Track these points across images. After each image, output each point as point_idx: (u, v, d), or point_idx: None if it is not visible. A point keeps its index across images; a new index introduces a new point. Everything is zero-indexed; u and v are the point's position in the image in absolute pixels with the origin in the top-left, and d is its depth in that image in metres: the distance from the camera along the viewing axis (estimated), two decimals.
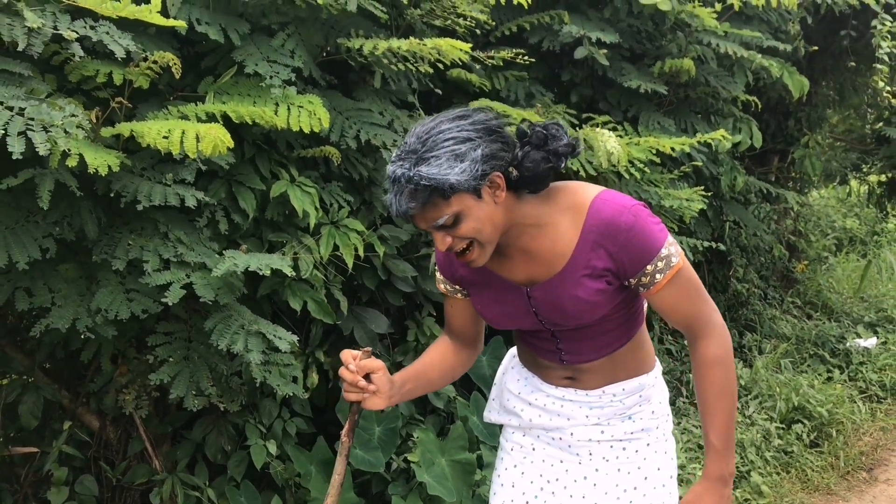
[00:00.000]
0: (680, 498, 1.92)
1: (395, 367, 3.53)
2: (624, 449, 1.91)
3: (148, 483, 3.09)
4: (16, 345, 2.98)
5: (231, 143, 2.15)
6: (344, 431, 1.77)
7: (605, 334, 1.84)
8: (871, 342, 6.14)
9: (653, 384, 1.94)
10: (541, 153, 1.66)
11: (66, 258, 2.48)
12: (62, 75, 2.35)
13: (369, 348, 1.78)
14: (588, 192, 1.73)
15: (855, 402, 5.22)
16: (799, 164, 7.26)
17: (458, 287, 1.92)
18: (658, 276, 1.69)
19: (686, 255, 4.33)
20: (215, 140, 2.07)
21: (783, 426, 4.66)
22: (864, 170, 12.57)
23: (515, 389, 2.02)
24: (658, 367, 1.99)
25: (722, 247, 4.66)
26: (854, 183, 12.70)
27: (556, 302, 1.76)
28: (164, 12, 2.30)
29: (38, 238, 2.27)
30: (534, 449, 1.99)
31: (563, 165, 1.69)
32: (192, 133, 2.08)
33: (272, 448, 3.08)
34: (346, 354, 1.77)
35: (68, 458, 3.07)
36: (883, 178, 12.17)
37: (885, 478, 4.51)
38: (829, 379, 5.60)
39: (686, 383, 4.98)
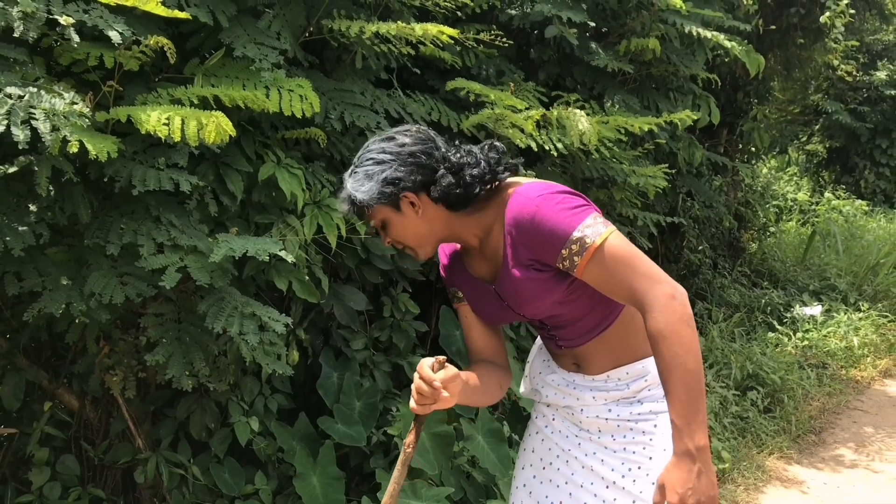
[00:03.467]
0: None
1: (371, 342, 3.59)
2: (631, 429, 1.98)
3: (131, 462, 3.11)
4: None
5: (234, 132, 2.16)
6: (408, 441, 1.79)
7: (584, 317, 1.93)
8: (816, 310, 6.40)
9: None
10: (451, 179, 1.83)
11: (55, 242, 2.46)
12: (50, 58, 2.32)
13: (443, 357, 1.77)
14: (511, 188, 1.86)
15: (803, 369, 5.46)
16: (747, 136, 7.47)
17: (455, 289, 2.07)
18: (576, 258, 1.75)
19: (649, 229, 4.49)
20: (218, 128, 2.08)
21: (739, 393, 4.86)
22: (803, 140, 12.98)
23: (538, 369, 2.18)
24: None
25: (683, 221, 4.79)
26: (792, 153, 13.10)
27: (508, 294, 1.90)
28: None
29: (31, 223, 2.25)
30: (554, 420, 2.13)
31: (475, 192, 1.84)
32: (193, 121, 2.09)
33: (255, 425, 3.12)
34: (426, 370, 1.75)
35: (49, 439, 3.07)
36: (821, 147, 12.59)
37: (833, 440, 4.75)
38: (777, 346, 5.84)
39: None
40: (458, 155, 1.87)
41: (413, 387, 1.77)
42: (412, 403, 1.77)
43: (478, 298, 2.01)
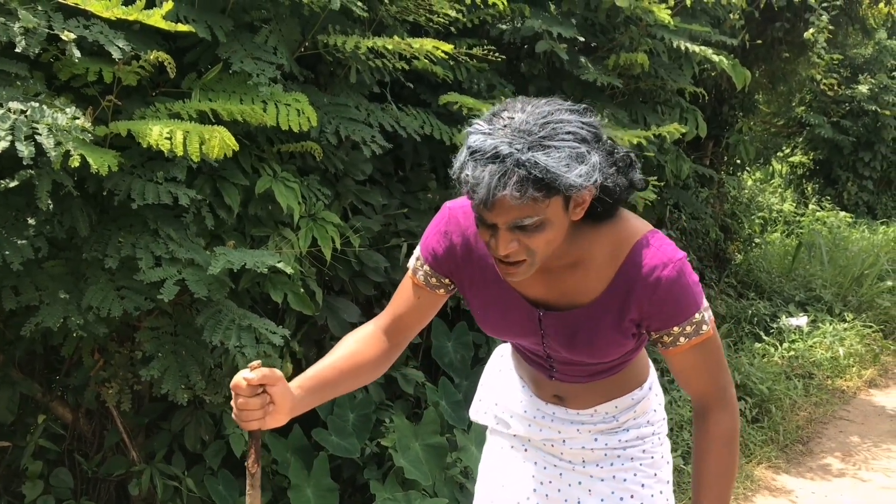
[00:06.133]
0: None
1: None
2: (619, 456, 1.86)
3: (125, 474, 3.11)
4: None
5: (236, 146, 2.18)
6: (250, 462, 1.53)
7: (601, 363, 1.76)
8: (802, 321, 6.46)
9: (646, 396, 1.88)
10: (626, 180, 1.52)
11: (52, 255, 2.47)
12: (49, 73, 2.34)
13: (257, 361, 1.52)
14: (635, 228, 1.58)
15: (790, 379, 5.51)
16: (733, 148, 7.55)
17: (445, 282, 1.71)
18: (682, 339, 1.58)
19: None
20: (221, 142, 2.10)
21: None
22: (786, 152, 13.11)
23: (505, 397, 1.96)
24: (652, 375, 1.94)
25: (671, 233, 4.84)
26: (776, 165, 13.22)
27: (567, 334, 1.65)
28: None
29: (30, 237, 2.26)
30: (526, 450, 1.93)
31: (627, 199, 1.57)
32: (195, 135, 2.11)
33: None
34: (241, 383, 1.48)
35: (42, 451, 3.07)
36: (804, 159, 12.72)
37: (820, 450, 4.80)
38: (764, 356, 5.89)
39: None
40: (623, 153, 1.53)
41: (234, 403, 1.50)
42: (235, 417, 1.51)
43: (500, 309, 1.69)
